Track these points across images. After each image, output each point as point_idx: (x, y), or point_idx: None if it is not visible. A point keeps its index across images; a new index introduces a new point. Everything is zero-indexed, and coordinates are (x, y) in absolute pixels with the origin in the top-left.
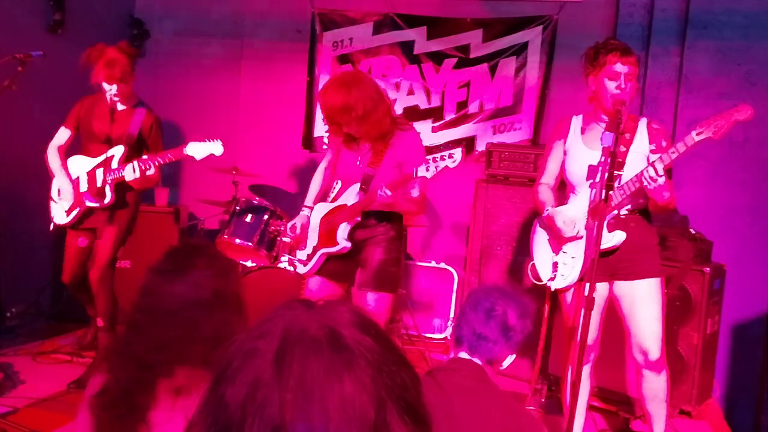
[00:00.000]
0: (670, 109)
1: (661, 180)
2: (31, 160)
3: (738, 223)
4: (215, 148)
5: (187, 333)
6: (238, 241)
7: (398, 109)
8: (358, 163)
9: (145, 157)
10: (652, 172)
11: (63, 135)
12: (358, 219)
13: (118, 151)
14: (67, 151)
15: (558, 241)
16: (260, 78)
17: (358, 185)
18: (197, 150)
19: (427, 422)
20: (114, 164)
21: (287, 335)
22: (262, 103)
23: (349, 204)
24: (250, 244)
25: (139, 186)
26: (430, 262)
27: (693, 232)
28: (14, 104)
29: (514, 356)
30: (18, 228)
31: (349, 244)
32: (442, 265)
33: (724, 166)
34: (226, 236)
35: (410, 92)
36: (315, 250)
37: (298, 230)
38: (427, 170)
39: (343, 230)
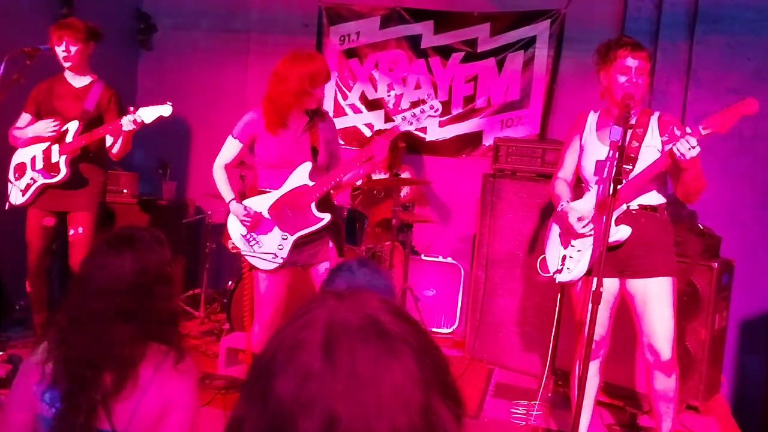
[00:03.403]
0: (679, 103)
1: (695, 151)
2: None
3: (747, 218)
4: (164, 110)
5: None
6: None
7: (405, 104)
8: (300, 136)
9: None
10: (684, 145)
11: (24, 119)
12: (325, 190)
13: (72, 126)
14: None
15: (569, 235)
16: (267, 72)
17: (309, 163)
18: (146, 114)
19: (463, 403)
20: (68, 139)
21: (331, 326)
22: None
23: (310, 184)
24: None
25: (115, 149)
26: (437, 257)
27: (701, 227)
28: (22, 97)
29: None
30: (24, 222)
31: (329, 216)
32: (449, 260)
33: (734, 161)
34: None
35: (417, 86)
36: (286, 238)
37: (251, 215)
38: (410, 123)
39: (315, 206)
